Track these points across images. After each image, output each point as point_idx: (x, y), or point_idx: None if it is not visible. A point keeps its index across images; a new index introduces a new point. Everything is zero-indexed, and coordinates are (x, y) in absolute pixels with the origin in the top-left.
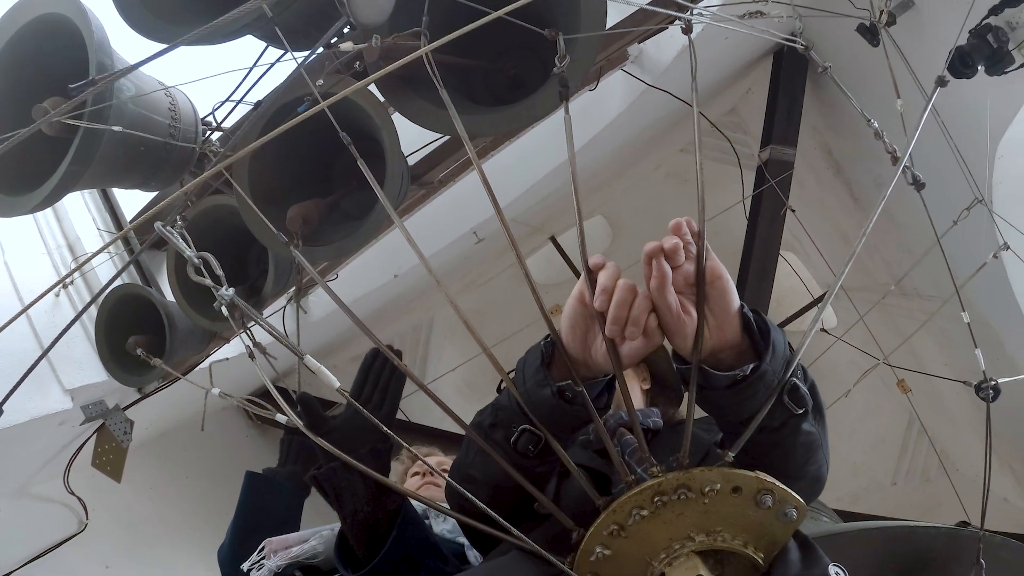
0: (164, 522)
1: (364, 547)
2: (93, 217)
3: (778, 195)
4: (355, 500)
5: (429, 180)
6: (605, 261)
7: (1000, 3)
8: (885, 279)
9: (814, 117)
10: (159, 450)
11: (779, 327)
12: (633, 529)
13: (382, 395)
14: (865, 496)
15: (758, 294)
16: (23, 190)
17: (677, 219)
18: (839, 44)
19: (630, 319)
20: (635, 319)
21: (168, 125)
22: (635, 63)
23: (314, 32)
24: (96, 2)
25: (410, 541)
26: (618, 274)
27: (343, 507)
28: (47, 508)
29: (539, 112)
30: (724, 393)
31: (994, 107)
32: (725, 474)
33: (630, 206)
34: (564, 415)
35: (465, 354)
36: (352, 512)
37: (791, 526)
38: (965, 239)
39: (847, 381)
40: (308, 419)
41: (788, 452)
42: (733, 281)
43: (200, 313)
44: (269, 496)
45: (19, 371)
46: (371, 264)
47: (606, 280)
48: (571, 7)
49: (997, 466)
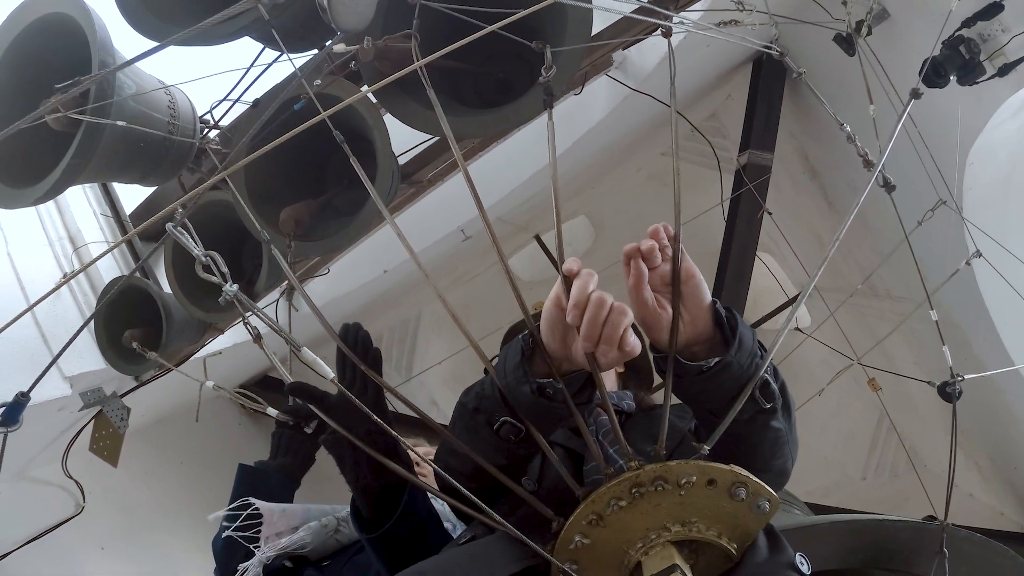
0: (159, 506)
1: (371, 511)
2: (94, 210)
3: (756, 198)
4: (357, 467)
5: (419, 179)
6: (580, 268)
7: (973, 16)
8: (857, 281)
9: (791, 123)
10: (155, 436)
11: (753, 325)
12: (611, 519)
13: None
14: (835, 490)
15: (735, 293)
16: (26, 183)
17: (655, 225)
18: (817, 54)
19: (603, 337)
20: (608, 337)
21: (167, 122)
22: (619, 69)
23: (309, 34)
24: (99, 3)
25: (419, 509)
26: (592, 284)
27: (346, 472)
28: (46, 491)
29: (525, 116)
30: (693, 381)
31: (965, 116)
32: (701, 467)
33: (612, 207)
34: (545, 410)
35: (452, 347)
36: (355, 478)
37: (764, 518)
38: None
39: (820, 379)
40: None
41: (756, 446)
42: (708, 281)
43: (196, 305)
44: (261, 488)
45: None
46: (361, 260)
47: (578, 294)
48: (558, 17)
49: (963, 463)
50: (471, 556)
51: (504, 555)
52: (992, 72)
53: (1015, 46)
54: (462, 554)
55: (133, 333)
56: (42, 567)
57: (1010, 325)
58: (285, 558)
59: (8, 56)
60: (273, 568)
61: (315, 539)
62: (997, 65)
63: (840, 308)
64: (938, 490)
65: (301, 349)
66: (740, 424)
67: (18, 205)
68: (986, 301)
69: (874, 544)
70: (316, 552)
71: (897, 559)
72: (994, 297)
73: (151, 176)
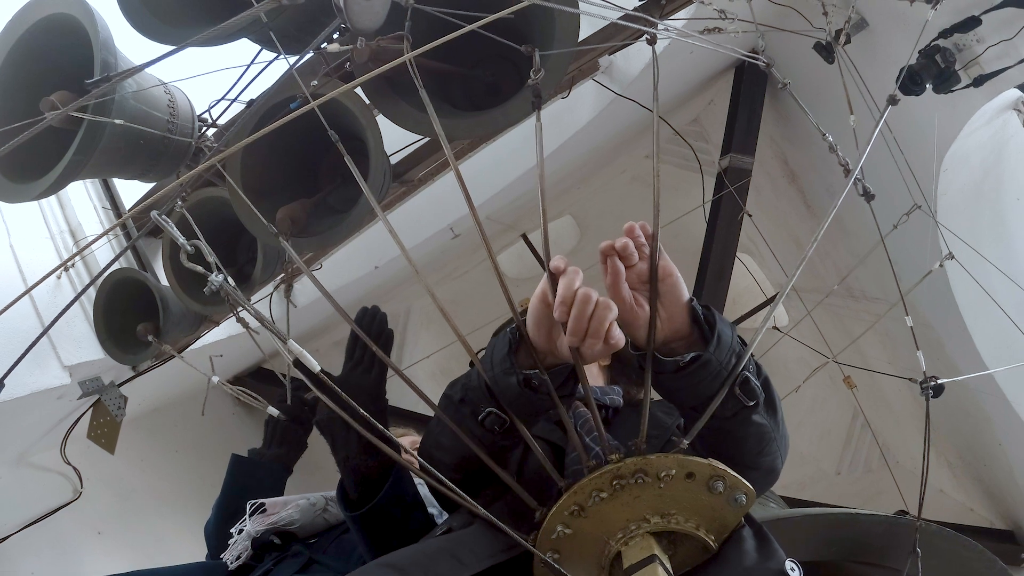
0: (154, 492)
1: (357, 490)
2: (94, 204)
3: (736, 200)
4: (348, 448)
5: (410, 178)
6: (566, 265)
7: (950, 28)
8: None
9: (772, 128)
10: (151, 425)
11: (731, 323)
12: (593, 510)
13: (372, 358)
14: (811, 484)
15: (715, 292)
16: (29, 178)
17: (630, 223)
18: (797, 61)
19: (589, 331)
20: (594, 331)
21: (166, 120)
22: (605, 73)
23: (305, 37)
24: (102, 3)
25: (405, 491)
26: (577, 281)
27: (337, 452)
28: (44, 476)
29: (514, 118)
30: (672, 377)
31: (940, 123)
32: (680, 460)
33: (597, 207)
34: (529, 401)
35: (440, 342)
36: (344, 458)
37: (741, 511)
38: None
39: (797, 377)
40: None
41: (740, 442)
42: (689, 280)
43: (192, 298)
44: (253, 477)
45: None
46: (353, 255)
47: (564, 291)
48: (546, 22)
49: (934, 460)
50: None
51: (480, 548)
52: (967, 81)
53: (990, 57)
54: (444, 542)
55: (147, 326)
56: (41, 550)
57: (980, 325)
58: (273, 534)
59: (13, 55)
60: (262, 542)
61: (303, 516)
62: (972, 75)
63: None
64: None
65: (287, 341)
66: (724, 420)
67: (21, 199)
68: (958, 302)
69: (848, 537)
70: (304, 529)
71: (871, 552)
72: (965, 298)
73: (150, 172)
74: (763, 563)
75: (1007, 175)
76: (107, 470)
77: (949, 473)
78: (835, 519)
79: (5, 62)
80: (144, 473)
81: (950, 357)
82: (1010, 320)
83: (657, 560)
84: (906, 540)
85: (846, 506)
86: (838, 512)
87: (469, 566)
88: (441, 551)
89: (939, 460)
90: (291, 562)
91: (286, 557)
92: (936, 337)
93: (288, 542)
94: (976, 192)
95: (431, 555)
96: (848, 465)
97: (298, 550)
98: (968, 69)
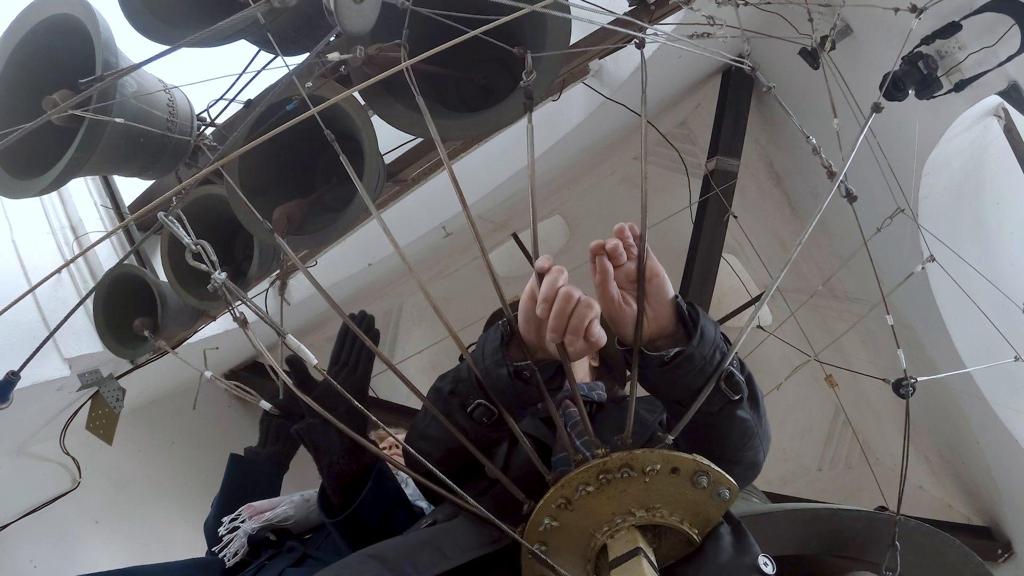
0: (151, 483)
1: (340, 496)
2: (95, 201)
3: (722, 202)
4: (331, 453)
5: (403, 178)
6: (551, 265)
7: (932, 34)
8: (817, 282)
9: (757, 132)
10: (148, 417)
11: (716, 321)
12: (579, 503)
13: (356, 359)
14: (792, 480)
15: (701, 292)
16: (31, 175)
17: (620, 224)
18: (782, 66)
19: (569, 328)
20: (574, 328)
21: (166, 119)
22: (595, 77)
23: (303, 39)
24: (103, 4)
25: (385, 494)
26: (560, 280)
27: (320, 459)
28: (44, 466)
29: (505, 119)
30: (657, 372)
31: (922, 128)
32: (665, 455)
33: (587, 207)
34: (519, 393)
35: (431, 338)
36: (328, 464)
37: (724, 505)
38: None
39: (779, 375)
40: (297, 379)
41: (725, 436)
42: (675, 280)
43: (190, 293)
44: (250, 475)
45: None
46: (347, 253)
47: (547, 289)
48: (538, 26)
49: (913, 457)
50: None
51: (464, 541)
52: (949, 87)
53: (971, 63)
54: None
55: (143, 321)
56: (40, 538)
57: (960, 326)
58: (269, 531)
59: (16, 54)
60: (257, 539)
61: (297, 512)
62: (954, 81)
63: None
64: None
65: (286, 336)
66: (709, 415)
67: (23, 195)
68: (938, 303)
69: (829, 532)
70: (299, 525)
71: (851, 547)
72: (945, 299)
73: (150, 170)
74: (738, 558)
75: (987, 179)
76: (105, 460)
77: (928, 470)
78: (816, 514)
79: (8, 62)
80: (141, 464)
81: (930, 357)
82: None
83: (642, 552)
84: (885, 535)
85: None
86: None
87: (452, 558)
88: (425, 543)
89: (918, 457)
90: (285, 557)
91: (280, 553)
92: (916, 337)
93: (283, 539)
94: (957, 196)
95: (415, 547)
96: (829, 461)
97: (292, 546)
98: (950, 75)
